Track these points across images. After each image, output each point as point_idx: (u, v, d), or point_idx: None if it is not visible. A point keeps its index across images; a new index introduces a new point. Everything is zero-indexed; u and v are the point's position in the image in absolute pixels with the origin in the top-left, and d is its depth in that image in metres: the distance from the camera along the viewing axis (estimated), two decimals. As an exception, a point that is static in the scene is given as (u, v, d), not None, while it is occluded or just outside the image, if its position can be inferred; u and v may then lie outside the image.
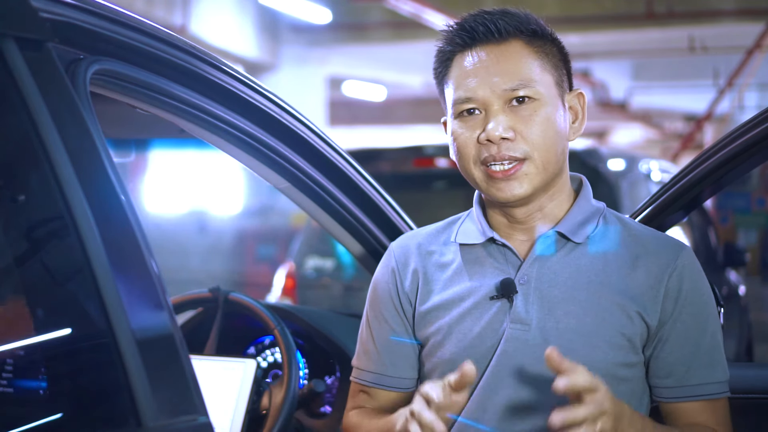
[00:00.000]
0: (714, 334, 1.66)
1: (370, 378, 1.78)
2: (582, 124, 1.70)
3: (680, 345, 1.63)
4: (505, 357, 1.63)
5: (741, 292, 5.97)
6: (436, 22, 9.94)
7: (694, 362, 1.63)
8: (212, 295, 2.29)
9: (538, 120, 1.61)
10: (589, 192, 1.73)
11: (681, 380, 1.63)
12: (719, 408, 1.65)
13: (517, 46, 1.64)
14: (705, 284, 1.67)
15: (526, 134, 1.61)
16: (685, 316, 1.63)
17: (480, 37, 1.64)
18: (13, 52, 1.25)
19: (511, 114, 1.61)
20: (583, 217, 1.69)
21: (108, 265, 1.21)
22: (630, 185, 5.08)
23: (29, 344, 1.34)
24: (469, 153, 1.64)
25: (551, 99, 1.63)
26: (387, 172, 5.13)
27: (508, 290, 1.64)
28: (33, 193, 1.29)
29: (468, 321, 1.66)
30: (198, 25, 10.43)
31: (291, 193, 2.05)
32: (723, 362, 1.66)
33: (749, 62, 12.42)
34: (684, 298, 1.63)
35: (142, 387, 1.19)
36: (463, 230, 1.73)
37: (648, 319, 1.62)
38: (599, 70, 15.27)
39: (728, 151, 1.98)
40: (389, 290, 1.76)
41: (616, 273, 1.63)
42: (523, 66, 1.62)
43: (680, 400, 1.64)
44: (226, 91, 1.77)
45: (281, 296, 5.65)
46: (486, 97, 1.62)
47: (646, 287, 1.63)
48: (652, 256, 1.65)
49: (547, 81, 1.64)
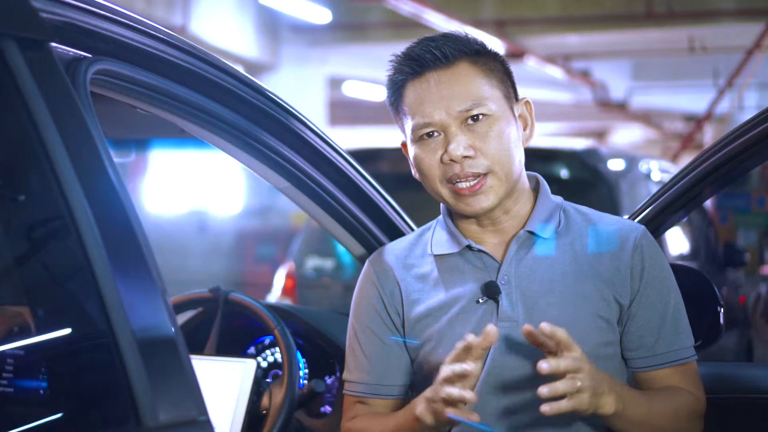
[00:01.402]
0: (677, 305, 1.78)
1: (365, 389, 1.83)
2: (533, 129, 1.81)
3: (647, 318, 1.75)
4: (499, 354, 1.71)
5: (741, 293, 5.97)
6: (436, 22, 9.94)
7: (661, 332, 1.75)
8: (212, 295, 2.29)
9: (493, 135, 1.72)
10: (547, 189, 1.83)
11: (651, 350, 1.75)
12: (689, 371, 1.77)
13: (464, 68, 1.74)
14: (663, 260, 1.79)
15: (485, 150, 1.71)
16: (649, 290, 1.75)
17: (428, 63, 1.74)
18: (13, 52, 1.25)
19: (468, 132, 1.71)
20: (547, 213, 1.79)
21: (108, 265, 1.22)
22: (630, 185, 5.08)
23: (29, 344, 1.34)
24: (434, 174, 1.74)
25: (503, 113, 1.74)
26: (387, 172, 5.13)
27: (492, 292, 1.74)
28: (33, 193, 1.29)
29: (458, 326, 1.74)
30: (198, 25, 10.43)
31: (291, 193, 2.05)
32: (688, 330, 1.79)
33: (749, 62, 12.41)
34: (647, 275, 1.75)
35: (142, 387, 1.19)
36: (436, 241, 1.82)
37: (621, 300, 1.74)
38: (599, 70, 15.26)
39: (728, 151, 1.98)
40: (373, 305, 1.82)
41: (586, 261, 1.75)
42: (473, 86, 1.72)
43: (652, 368, 1.76)
44: (226, 91, 1.77)
45: (281, 296, 5.65)
46: (443, 119, 1.72)
47: (613, 270, 1.75)
48: (614, 240, 1.77)
49: (497, 96, 1.74)
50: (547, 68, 12.99)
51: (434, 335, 1.76)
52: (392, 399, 1.82)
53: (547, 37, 12.11)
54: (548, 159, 4.97)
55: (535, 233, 1.76)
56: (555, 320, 1.64)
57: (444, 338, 1.73)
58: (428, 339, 1.76)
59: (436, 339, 1.75)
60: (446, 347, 1.71)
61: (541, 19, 11.62)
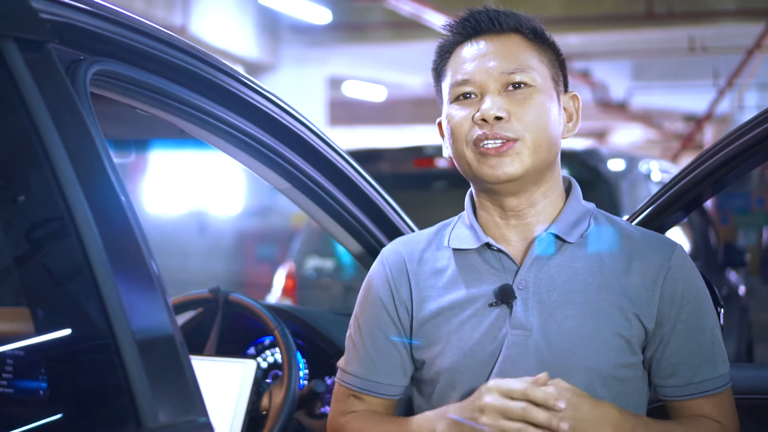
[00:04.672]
0: (713, 329, 1.68)
1: (362, 384, 1.76)
2: (576, 125, 1.73)
3: (682, 345, 1.65)
4: (508, 363, 1.63)
5: (741, 293, 5.97)
6: (435, 22, 9.93)
7: (697, 360, 1.65)
8: (212, 296, 2.29)
9: (532, 104, 1.64)
10: (579, 193, 1.74)
11: (686, 379, 1.66)
12: (723, 400, 1.68)
13: (516, 39, 1.69)
14: (700, 281, 1.69)
15: (520, 116, 1.63)
16: (685, 316, 1.65)
17: (482, 27, 1.69)
18: (13, 52, 1.25)
19: (506, 97, 1.64)
20: (575, 217, 1.69)
21: (108, 265, 1.21)
22: (630, 185, 5.08)
23: (29, 345, 1.34)
24: (462, 133, 1.65)
25: (546, 89, 1.67)
26: (387, 172, 5.13)
27: (507, 296, 1.64)
28: (33, 194, 1.29)
29: (467, 328, 1.66)
30: (198, 26, 10.43)
31: (291, 194, 2.05)
32: (723, 355, 1.69)
33: (749, 62, 12.42)
34: (681, 299, 1.65)
35: (142, 388, 1.19)
36: (455, 235, 1.73)
37: (644, 321, 1.63)
38: (599, 70, 15.26)
39: (728, 151, 1.98)
40: (383, 299, 1.74)
41: (612, 274, 1.64)
42: (521, 54, 1.67)
43: (686, 398, 1.66)
44: (226, 91, 1.77)
45: (281, 296, 5.65)
46: (483, 80, 1.65)
47: (641, 289, 1.64)
48: (646, 256, 1.66)
49: (544, 72, 1.68)
50: (547, 68, 12.97)
51: (443, 337, 1.67)
52: (389, 398, 1.75)
53: (547, 37, 12.10)
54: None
55: (561, 237, 1.67)
56: (571, 334, 1.61)
57: (452, 339, 1.66)
58: (437, 341, 1.68)
59: (445, 341, 1.67)
60: (454, 349, 1.66)
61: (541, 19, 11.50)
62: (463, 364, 1.65)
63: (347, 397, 1.78)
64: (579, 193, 1.74)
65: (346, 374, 1.78)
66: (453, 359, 1.66)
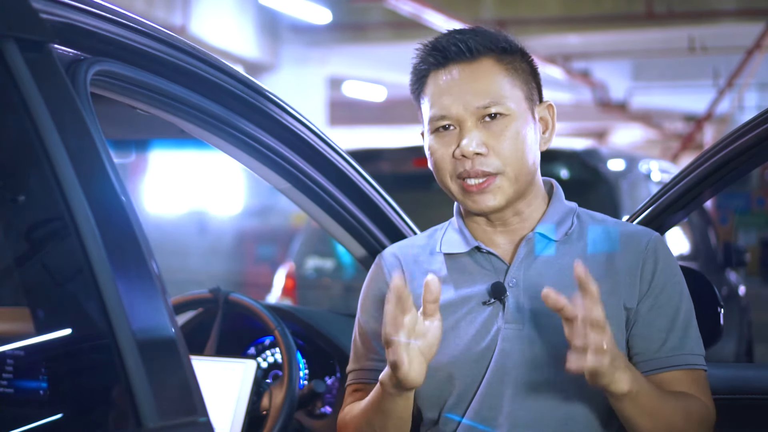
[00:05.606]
0: (687, 313, 1.73)
1: (364, 375, 1.81)
2: (552, 133, 1.79)
3: (653, 320, 1.70)
4: (503, 355, 1.69)
5: (741, 292, 5.97)
6: (436, 22, 9.94)
7: (669, 336, 1.70)
8: (212, 296, 2.29)
9: (509, 135, 1.69)
10: (562, 193, 1.81)
11: (655, 352, 1.70)
12: (698, 379, 1.72)
13: (488, 64, 1.72)
14: (675, 266, 1.75)
15: (498, 149, 1.69)
16: (657, 291, 1.71)
17: (452, 56, 1.72)
18: (13, 53, 1.25)
19: (483, 130, 1.70)
20: (559, 216, 1.77)
21: (108, 265, 1.21)
22: (630, 185, 5.08)
23: (30, 345, 1.34)
24: (445, 168, 1.73)
25: (521, 114, 1.72)
26: (387, 172, 5.13)
27: (499, 293, 1.72)
28: (33, 194, 1.29)
29: (462, 325, 1.73)
30: (198, 26, 10.44)
31: (291, 194, 2.05)
32: (698, 339, 1.73)
33: (749, 62, 12.42)
34: (657, 278, 1.71)
35: (142, 388, 1.19)
36: (446, 240, 1.81)
37: (628, 304, 1.70)
38: (599, 70, 15.27)
39: (728, 151, 1.98)
40: (380, 298, 1.79)
41: (597, 268, 1.70)
42: (494, 84, 1.71)
43: (656, 371, 1.70)
44: (226, 91, 1.77)
45: (281, 296, 5.65)
46: (460, 114, 1.70)
47: (624, 275, 1.71)
48: (627, 246, 1.74)
49: (517, 96, 1.72)
50: (547, 68, 12.99)
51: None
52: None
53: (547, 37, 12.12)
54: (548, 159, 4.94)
55: (545, 236, 1.74)
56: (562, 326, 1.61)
57: (448, 336, 1.71)
58: None
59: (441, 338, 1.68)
60: (451, 345, 1.71)
61: (541, 19, 11.63)
62: (460, 358, 1.71)
63: (351, 393, 1.83)
64: (561, 193, 1.81)
65: (350, 373, 1.84)
66: (450, 353, 1.71)
